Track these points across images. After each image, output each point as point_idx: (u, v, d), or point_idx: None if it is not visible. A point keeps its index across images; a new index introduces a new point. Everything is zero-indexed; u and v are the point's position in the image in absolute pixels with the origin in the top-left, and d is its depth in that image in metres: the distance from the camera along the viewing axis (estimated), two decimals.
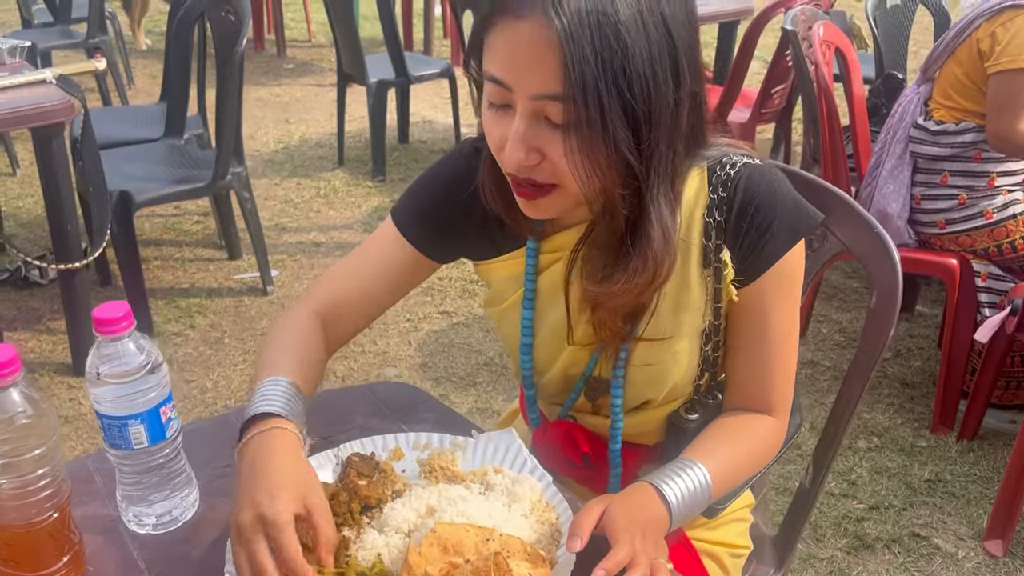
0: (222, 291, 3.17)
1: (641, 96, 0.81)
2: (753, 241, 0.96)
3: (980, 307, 2.31)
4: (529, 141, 0.85)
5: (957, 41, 2.20)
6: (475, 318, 3.01)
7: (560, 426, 1.12)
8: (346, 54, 4.17)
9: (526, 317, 1.05)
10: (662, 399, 1.06)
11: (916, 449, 2.35)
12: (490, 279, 1.10)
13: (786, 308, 1.01)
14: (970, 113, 2.21)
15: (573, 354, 1.05)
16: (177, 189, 2.80)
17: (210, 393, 2.60)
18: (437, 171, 1.08)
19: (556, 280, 1.03)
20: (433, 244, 1.07)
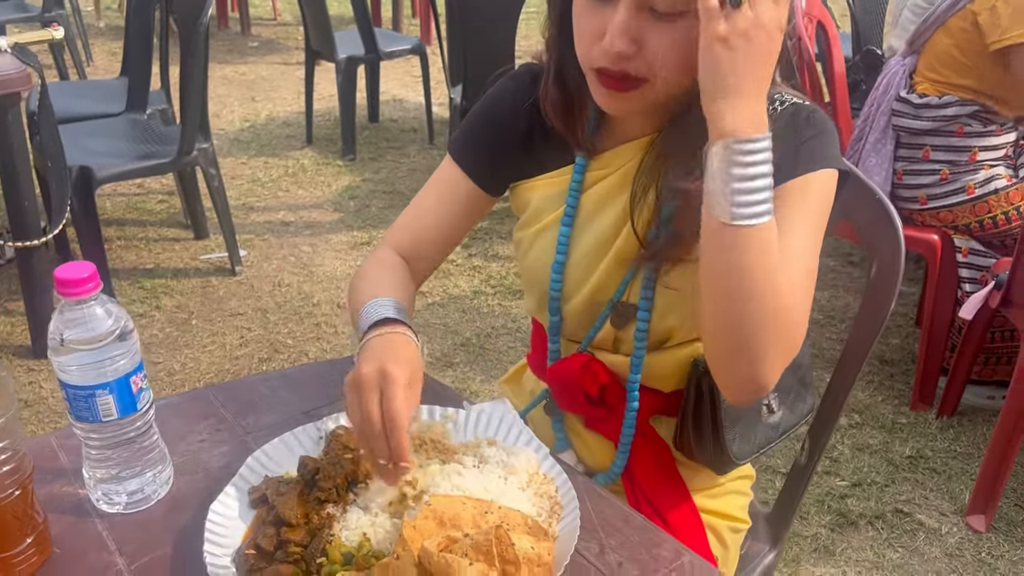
0: (188, 271, 3.08)
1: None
2: (792, 147, 0.92)
3: (960, 283, 2.30)
4: (631, 31, 0.86)
5: (949, 13, 2.17)
6: (451, 298, 2.95)
7: (579, 358, 1.09)
8: (314, 30, 4.07)
9: (563, 234, 1.05)
10: (685, 331, 1.04)
11: (897, 426, 2.34)
12: (530, 199, 1.09)
13: (806, 222, 0.92)
14: (955, 87, 2.19)
15: (604, 276, 1.04)
16: (141, 165, 2.70)
17: (178, 375, 2.51)
18: (486, 100, 1.10)
19: (600, 198, 1.04)
20: (487, 173, 1.10)
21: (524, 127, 1.07)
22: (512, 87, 1.09)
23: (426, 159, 4.08)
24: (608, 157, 1.04)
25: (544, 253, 1.07)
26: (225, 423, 1.00)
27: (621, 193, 1.03)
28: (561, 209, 1.06)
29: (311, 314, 2.84)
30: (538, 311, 1.13)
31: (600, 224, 1.04)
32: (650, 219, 1.00)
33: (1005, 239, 2.28)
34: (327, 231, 3.40)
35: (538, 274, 1.09)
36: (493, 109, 1.09)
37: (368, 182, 3.85)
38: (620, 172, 1.03)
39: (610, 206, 1.04)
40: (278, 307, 2.88)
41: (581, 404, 1.09)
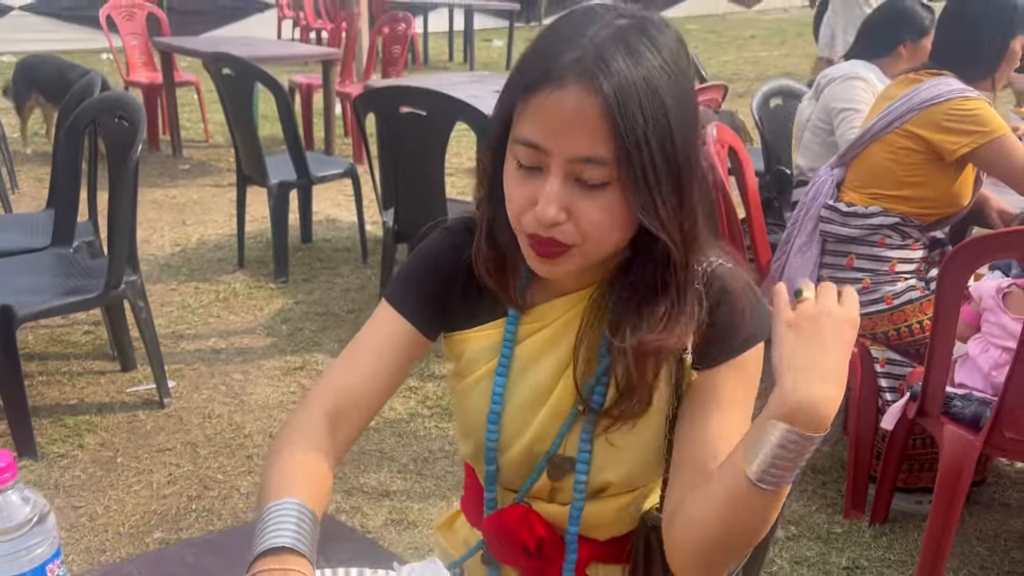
0: (114, 406, 2.99)
1: (680, 155, 0.89)
2: (715, 334, 0.99)
3: (881, 392, 2.39)
4: (562, 200, 0.90)
5: (885, 131, 2.35)
6: (387, 422, 2.93)
7: (516, 510, 1.09)
8: (245, 156, 4.12)
9: (498, 384, 1.07)
10: (621, 484, 1.06)
11: (832, 536, 2.38)
12: (464, 349, 1.11)
13: (739, 399, 1.00)
14: (882, 197, 2.36)
15: (541, 428, 1.06)
16: (65, 301, 2.65)
17: (100, 520, 2.41)
18: (422, 251, 1.13)
19: (534, 350, 1.06)
20: (425, 317, 1.10)
21: (460, 280, 1.09)
22: (449, 241, 1.11)
23: (359, 279, 4.10)
24: (542, 311, 1.07)
25: (480, 403, 1.09)
26: None
27: (555, 346, 1.06)
28: (495, 360, 1.07)
29: (242, 446, 2.78)
30: (474, 460, 1.14)
31: (535, 376, 1.06)
32: (588, 373, 1.03)
33: (920, 348, 2.38)
34: (259, 357, 3.37)
35: (474, 424, 1.10)
36: (429, 259, 1.11)
37: (301, 304, 3.84)
38: (554, 326, 1.06)
39: (545, 358, 1.06)
40: (208, 440, 2.81)
41: (519, 557, 1.09)
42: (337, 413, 1.05)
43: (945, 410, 2.00)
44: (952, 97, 2.27)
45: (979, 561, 2.29)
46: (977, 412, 1.95)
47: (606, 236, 0.93)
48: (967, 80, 2.31)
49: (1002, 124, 2.27)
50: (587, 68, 0.86)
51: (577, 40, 0.89)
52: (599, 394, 1.03)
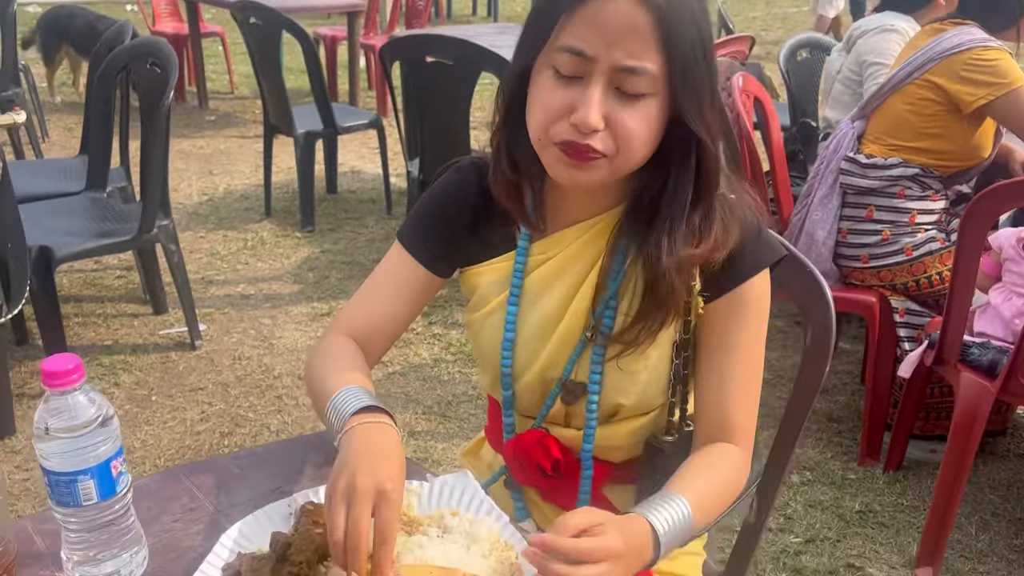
0: (148, 347, 3.08)
1: (713, 69, 0.96)
2: (722, 262, 1.03)
3: (899, 341, 2.42)
4: (602, 107, 0.94)
5: (906, 82, 2.35)
6: (411, 367, 2.99)
7: (533, 434, 1.14)
8: (272, 105, 4.16)
9: (510, 313, 1.11)
10: (632, 407, 1.10)
11: (846, 481, 2.43)
12: (477, 283, 1.15)
13: (748, 335, 1.07)
14: (902, 148, 2.36)
15: (552, 354, 1.10)
16: (101, 243, 2.72)
17: (138, 453, 2.50)
18: (433, 192, 1.16)
19: (544, 279, 1.10)
20: (434, 257, 1.15)
21: (470, 217, 1.13)
22: (458, 179, 1.15)
23: (384, 229, 4.15)
24: (550, 241, 1.11)
25: (494, 333, 1.13)
26: (197, 502, 1.04)
27: (564, 275, 1.10)
28: (507, 291, 1.12)
29: (272, 387, 2.86)
30: (492, 388, 1.19)
31: (545, 304, 1.11)
32: (597, 299, 1.08)
33: (939, 299, 2.41)
34: (287, 303, 3.44)
35: (489, 353, 1.14)
36: (440, 200, 1.15)
37: (327, 253, 3.90)
38: (562, 255, 1.10)
39: (554, 287, 1.10)
40: (238, 381, 2.89)
41: (537, 478, 1.15)
42: (362, 338, 1.15)
43: (962, 358, 2.03)
44: (972, 47, 2.25)
45: (991, 508, 2.33)
46: (994, 359, 1.98)
47: (638, 148, 0.96)
48: (990, 30, 2.30)
49: (1020, 76, 2.26)
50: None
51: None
52: (609, 318, 1.07)
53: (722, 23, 4.85)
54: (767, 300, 1.08)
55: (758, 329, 1.08)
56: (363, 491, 0.85)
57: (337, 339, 1.14)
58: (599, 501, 1.18)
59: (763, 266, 1.06)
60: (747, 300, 1.06)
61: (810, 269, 1.29)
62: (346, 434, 0.94)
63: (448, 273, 1.19)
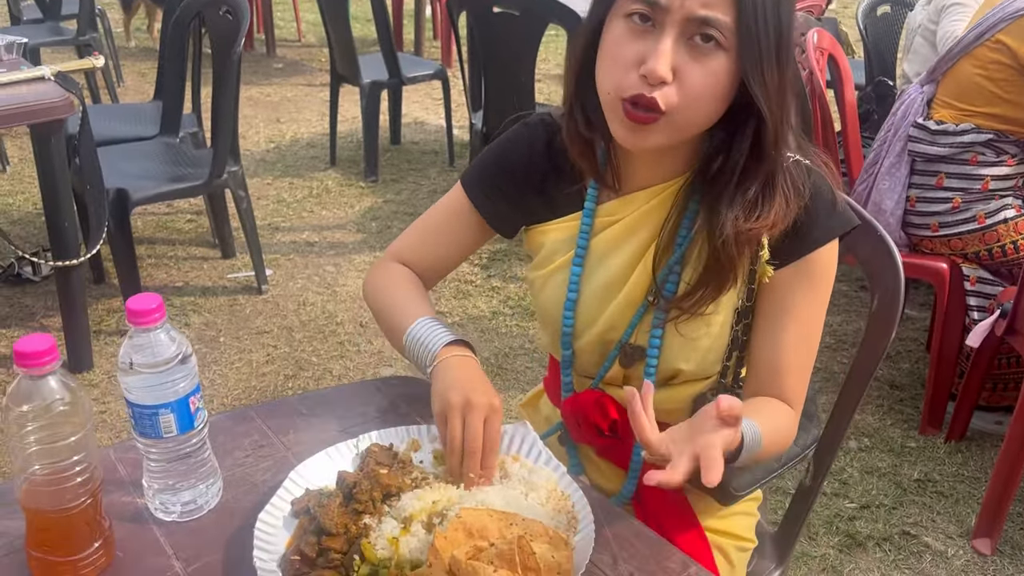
0: (216, 290, 3.18)
1: (787, 30, 0.93)
2: (792, 231, 1.02)
3: (968, 310, 2.36)
4: (672, 59, 0.92)
5: (975, 44, 2.25)
6: (469, 318, 3.03)
7: (591, 394, 1.16)
8: (340, 55, 4.19)
9: (574, 274, 1.12)
10: (691, 372, 1.10)
11: (906, 450, 2.40)
12: (543, 241, 1.16)
13: (811, 304, 1.06)
14: (975, 114, 2.27)
15: (613, 316, 1.11)
16: (174, 187, 2.80)
17: (206, 392, 2.60)
18: (500, 145, 1.17)
19: (609, 242, 1.11)
20: (498, 214, 1.17)
21: (537, 175, 1.14)
22: (527, 136, 1.15)
23: (446, 182, 4.18)
24: (618, 204, 1.10)
25: (556, 292, 1.14)
26: (268, 440, 1.08)
27: (630, 238, 1.10)
28: (572, 251, 1.12)
29: (335, 332, 2.93)
30: (552, 347, 1.20)
31: (609, 267, 1.11)
32: (661, 264, 1.07)
33: (1012, 268, 2.33)
34: (350, 251, 3.50)
35: (551, 311, 1.15)
36: (508, 155, 1.16)
37: (390, 203, 3.95)
38: (629, 219, 1.10)
39: (619, 250, 1.10)
40: (303, 325, 2.97)
41: (593, 437, 1.17)
42: (416, 270, 1.21)
43: None
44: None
45: None
46: None
47: (704, 105, 0.94)
48: None
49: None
50: None
51: None
52: (672, 283, 1.07)
53: None
54: (833, 270, 1.07)
55: (821, 299, 1.06)
56: (479, 405, 0.98)
57: (396, 267, 1.21)
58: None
59: (833, 236, 1.04)
60: (813, 270, 1.05)
61: (880, 234, 1.27)
62: (440, 364, 1.04)
63: (511, 233, 1.20)
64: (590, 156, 1.08)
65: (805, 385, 1.10)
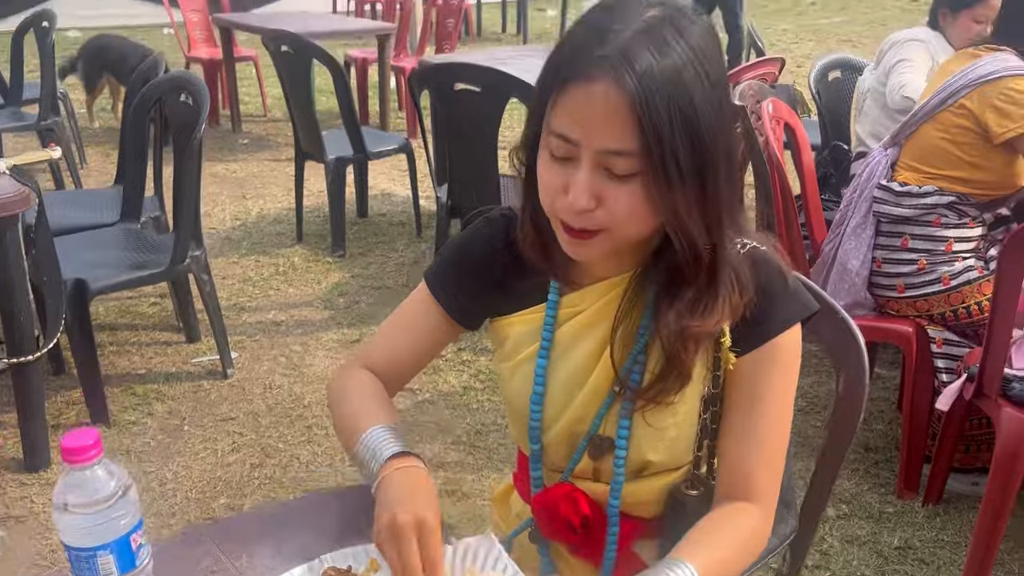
0: (180, 376, 3.11)
1: (707, 148, 0.91)
2: (751, 318, 1.02)
3: (937, 372, 2.36)
4: (592, 189, 0.93)
5: (938, 109, 2.30)
6: (441, 395, 2.99)
7: (561, 488, 1.14)
8: (303, 132, 4.20)
9: (540, 366, 1.11)
10: (662, 463, 1.09)
11: (884, 515, 2.37)
12: (508, 334, 1.15)
13: (778, 392, 1.05)
14: (938, 177, 2.31)
15: (580, 408, 1.10)
16: (134, 276, 2.76)
17: (169, 485, 2.52)
18: (463, 242, 1.18)
19: (574, 333, 1.10)
20: (462, 309, 1.17)
21: (499, 271, 1.14)
22: (488, 232, 1.15)
23: (414, 252, 4.16)
24: (580, 295, 1.10)
25: (523, 385, 1.13)
26: (220, 564, 1.03)
27: (593, 329, 1.09)
28: (537, 344, 1.12)
29: (302, 416, 2.87)
30: (520, 440, 1.19)
31: (575, 358, 1.10)
32: (625, 355, 1.06)
33: (978, 329, 2.35)
34: (317, 329, 3.46)
35: (518, 404, 1.14)
36: (469, 251, 1.16)
37: (357, 278, 3.92)
38: (592, 310, 1.09)
39: (584, 341, 1.10)
40: (269, 410, 2.91)
41: (564, 533, 1.14)
42: (382, 375, 1.19)
43: (1004, 392, 1.98)
44: (1008, 75, 2.20)
45: None
46: None
47: (635, 223, 0.95)
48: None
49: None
50: (614, 63, 0.88)
51: (606, 34, 0.90)
52: (636, 373, 1.06)
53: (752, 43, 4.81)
54: (797, 356, 1.06)
55: (786, 386, 1.06)
56: (405, 526, 0.92)
57: (360, 373, 1.18)
58: (627, 557, 1.16)
59: (793, 322, 1.04)
60: (775, 357, 1.04)
61: (842, 316, 1.26)
62: (382, 481, 1.00)
63: (475, 326, 1.20)
64: (546, 256, 1.08)
65: (778, 477, 1.08)
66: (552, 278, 1.11)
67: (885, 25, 11.53)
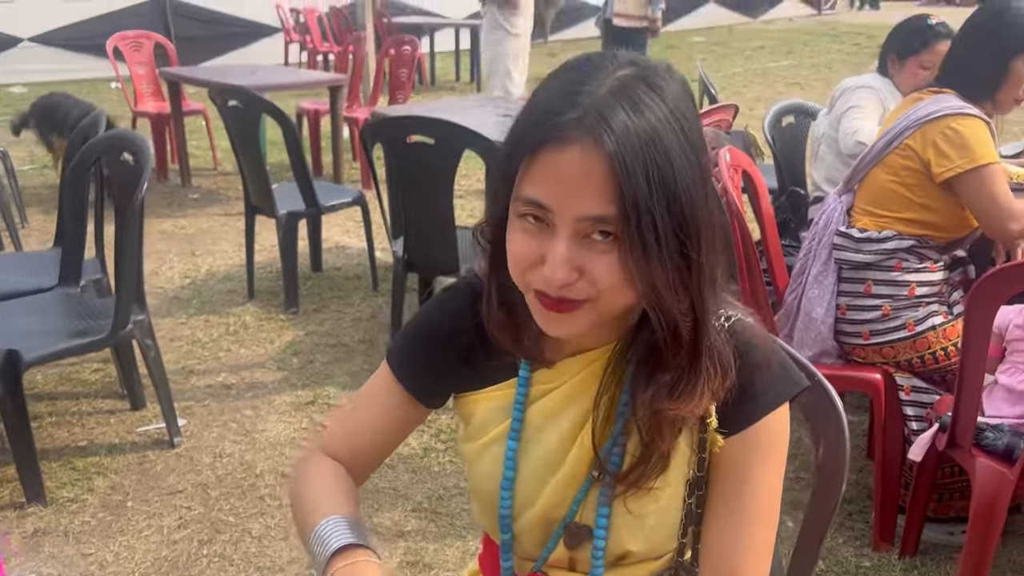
0: (124, 446, 2.95)
1: (688, 212, 0.85)
2: (737, 397, 0.94)
3: (907, 420, 2.32)
4: (572, 260, 0.86)
5: (885, 152, 2.30)
6: (400, 458, 2.87)
7: None
8: (253, 187, 4.10)
9: (510, 448, 1.02)
10: (642, 553, 1.01)
11: (861, 570, 2.30)
12: (474, 411, 1.07)
13: (766, 476, 0.97)
14: (893, 220, 2.29)
15: (555, 494, 1.01)
16: (73, 344, 2.62)
17: (111, 567, 2.36)
18: (425, 317, 1.10)
19: (547, 411, 1.02)
20: (427, 390, 1.09)
21: (465, 344, 1.06)
22: (452, 305, 1.07)
23: (371, 307, 4.06)
24: (554, 371, 1.02)
25: (491, 468, 1.04)
26: None
27: (569, 407, 1.01)
28: (507, 423, 1.03)
29: (254, 486, 2.73)
30: (488, 527, 1.10)
31: (549, 439, 1.02)
32: (605, 435, 0.98)
33: (945, 375, 2.32)
34: (270, 392, 3.32)
35: (487, 489, 1.05)
36: (433, 327, 1.08)
37: (312, 335, 3.80)
38: (567, 385, 1.02)
39: (558, 420, 1.02)
40: (219, 481, 2.76)
41: None
42: (346, 462, 1.10)
43: (977, 442, 1.94)
44: (948, 114, 2.20)
45: None
46: (1011, 444, 1.88)
47: (620, 293, 0.88)
48: (968, 99, 2.24)
49: (989, 153, 2.17)
50: (589, 125, 0.83)
51: (577, 95, 0.85)
52: (616, 456, 0.98)
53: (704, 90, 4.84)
54: (785, 437, 0.99)
55: (775, 470, 0.98)
56: None
57: (320, 461, 1.10)
58: None
59: (781, 401, 0.97)
60: (762, 439, 0.97)
61: (818, 379, 1.20)
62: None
63: (439, 404, 1.12)
64: (514, 338, 1.01)
65: (767, 564, 1.00)
66: (521, 356, 1.03)
67: (831, 68, 11.85)
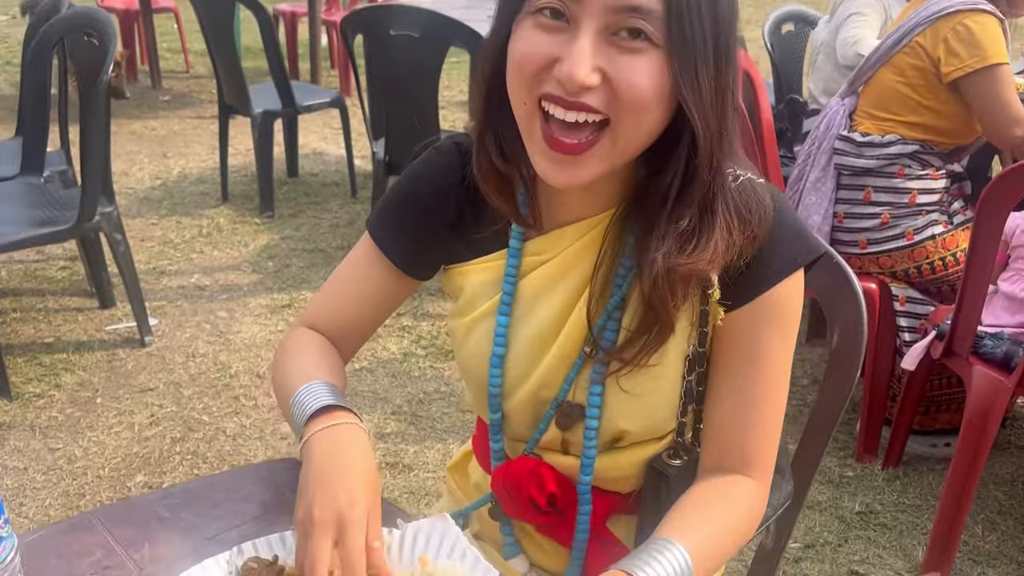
0: (93, 344, 2.85)
1: (728, 22, 0.77)
2: (744, 264, 0.86)
3: (899, 332, 2.28)
4: (594, 59, 0.75)
5: (893, 51, 2.19)
6: (380, 362, 2.80)
7: (525, 463, 0.98)
8: (227, 84, 3.91)
9: (501, 324, 0.94)
10: (639, 433, 0.94)
11: (844, 480, 2.29)
12: (463, 284, 0.98)
13: (777, 349, 0.90)
14: (897, 123, 2.20)
15: (547, 371, 0.94)
16: (37, 232, 2.49)
17: (79, 462, 2.29)
18: (408, 178, 1.00)
19: (539, 285, 0.94)
20: (412, 259, 1.00)
21: (453, 209, 0.96)
22: (438, 164, 0.97)
23: (349, 214, 3.94)
24: (548, 240, 0.93)
25: (481, 345, 0.96)
26: (114, 557, 0.85)
27: (561, 280, 0.93)
28: (497, 297, 0.95)
29: (228, 386, 2.65)
30: (478, 407, 1.02)
31: (541, 314, 0.94)
32: (600, 309, 0.90)
33: (941, 286, 2.27)
34: (245, 294, 3.22)
35: (475, 368, 0.98)
36: (416, 190, 0.98)
37: (288, 240, 3.69)
38: (560, 257, 0.93)
39: (550, 294, 0.94)
40: (192, 380, 2.68)
41: (529, 513, 0.98)
42: (330, 337, 1.03)
43: (975, 349, 1.89)
44: (961, 9, 2.09)
45: (997, 506, 2.21)
46: (1009, 351, 1.84)
47: (645, 110, 0.77)
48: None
49: (1000, 51, 2.08)
50: None
51: None
52: (611, 331, 0.91)
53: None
54: (799, 307, 0.91)
55: (787, 343, 0.90)
56: (320, 523, 0.78)
57: (303, 333, 1.03)
58: (601, 536, 1.01)
59: (795, 267, 0.88)
60: (774, 308, 0.88)
61: (837, 261, 1.12)
62: (305, 445, 0.85)
63: (427, 275, 1.03)
64: (507, 194, 0.91)
65: (775, 445, 0.94)
66: (514, 220, 0.93)
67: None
